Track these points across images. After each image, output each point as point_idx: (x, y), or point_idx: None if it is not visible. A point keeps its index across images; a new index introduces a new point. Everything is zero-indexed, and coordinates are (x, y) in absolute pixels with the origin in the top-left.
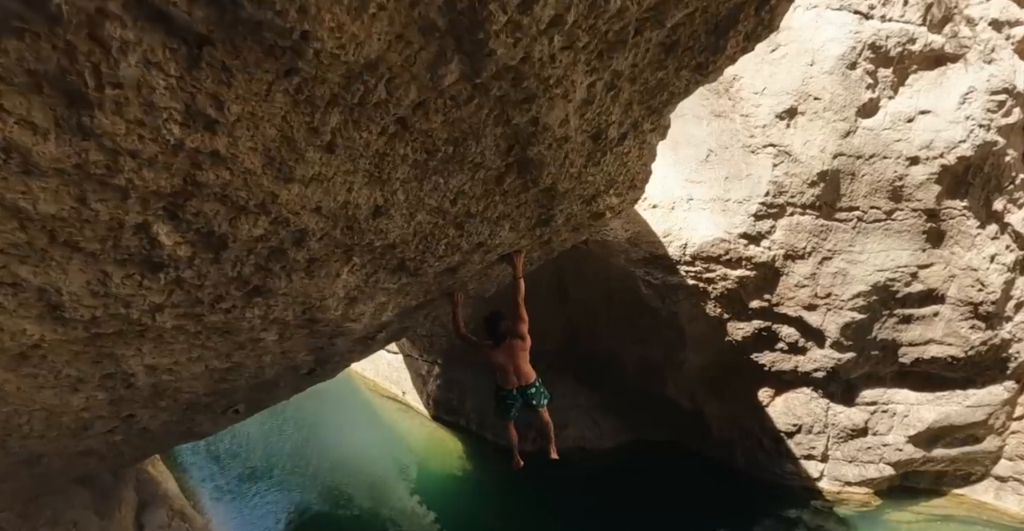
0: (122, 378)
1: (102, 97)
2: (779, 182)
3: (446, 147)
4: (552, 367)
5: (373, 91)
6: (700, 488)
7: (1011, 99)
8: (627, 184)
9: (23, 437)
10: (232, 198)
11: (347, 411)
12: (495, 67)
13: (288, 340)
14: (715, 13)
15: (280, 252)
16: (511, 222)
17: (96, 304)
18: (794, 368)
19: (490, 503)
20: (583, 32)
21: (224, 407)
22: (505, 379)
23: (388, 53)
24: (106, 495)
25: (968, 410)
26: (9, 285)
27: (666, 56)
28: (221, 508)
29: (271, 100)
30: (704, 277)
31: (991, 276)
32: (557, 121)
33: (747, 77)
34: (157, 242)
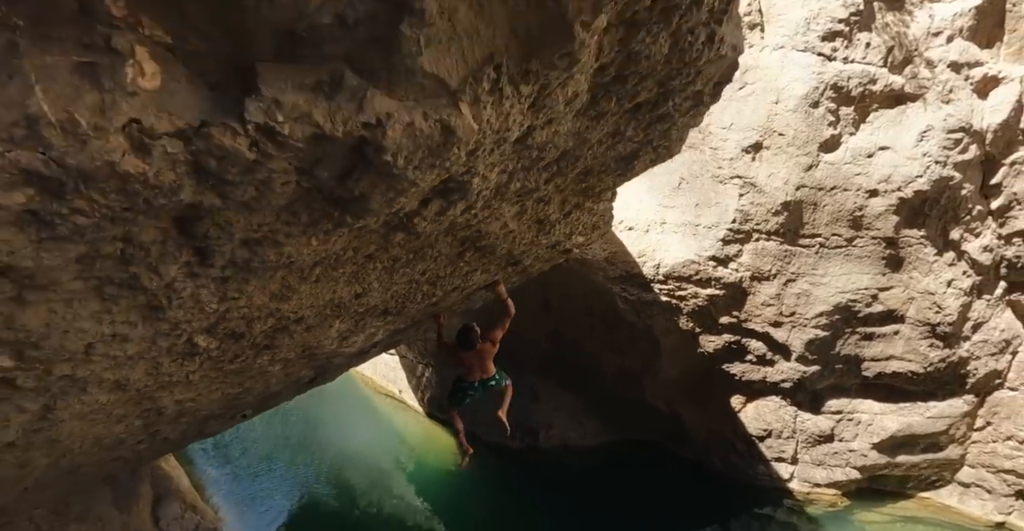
0: (156, 410)
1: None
2: (745, 211)
3: (408, 256)
4: (538, 372)
5: (341, 259)
6: (679, 486)
7: (968, 137)
8: (589, 229)
9: (72, 456)
10: (248, 317)
11: (347, 407)
12: (426, 232)
13: (291, 367)
14: (617, 154)
15: (283, 328)
16: (481, 270)
17: (149, 381)
18: (763, 378)
19: (481, 495)
20: (499, 199)
21: (234, 414)
22: (470, 374)
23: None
24: (125, 492)
25: (929, 421)
26: (98, 385)
27: (585, 178)
28: (229, 500)
29: (273, 280)
30: (676, 295)
31: (948, 299)
32: (497, 228)
33: (716, 113)
34: (196, 344)
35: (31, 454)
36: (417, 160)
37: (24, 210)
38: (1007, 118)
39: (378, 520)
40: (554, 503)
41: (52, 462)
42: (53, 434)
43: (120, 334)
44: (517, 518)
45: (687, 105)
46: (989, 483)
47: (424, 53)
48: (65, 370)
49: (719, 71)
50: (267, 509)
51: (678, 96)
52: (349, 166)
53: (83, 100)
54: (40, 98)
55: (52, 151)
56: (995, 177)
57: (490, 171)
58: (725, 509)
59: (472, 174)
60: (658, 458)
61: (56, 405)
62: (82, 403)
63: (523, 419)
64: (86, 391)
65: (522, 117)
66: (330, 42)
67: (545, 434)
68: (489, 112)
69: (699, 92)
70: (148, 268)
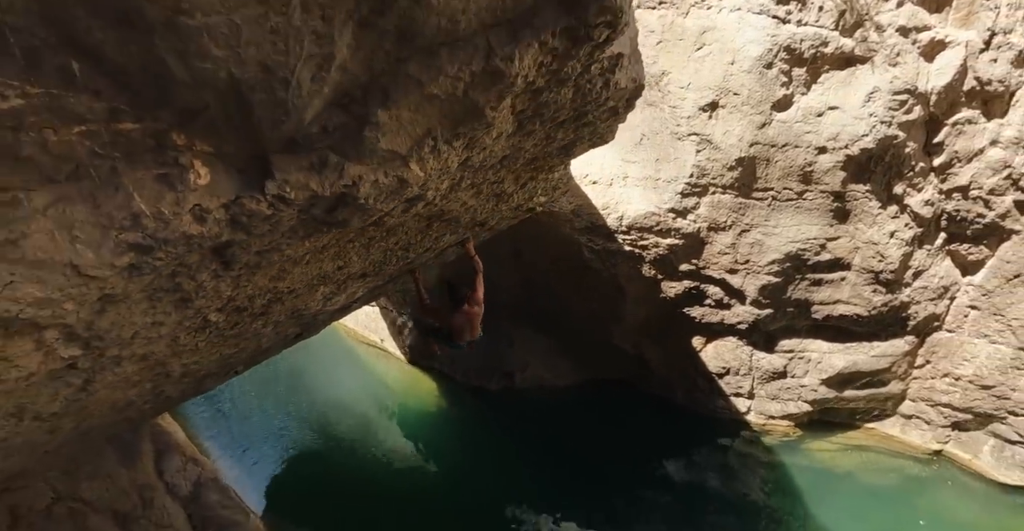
0: (165, 373)
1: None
2: (702, 166)
3: (382, 234)
4: (512, 317)
5: (327, 247)
6: (646, 420)
7: (913, 98)
8: (549, 190)
9: (91, 420)
10: (251, 296)
11: (331, 358)
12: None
13: (281, 327)
14: (555, 148)
15: (277, 299)
16: (450, 232)
17: (167, 351)
18: (721, 321)
19: (462, 434)
20: (454, 192)
21: (228, 371)
22: (460, 337)
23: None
24: (128, 449)
25: (873, 359)
26: (130, 359)
27: (532, 163)
28: (224, 450)
29: (273, 268)
30: (639, 244)
31: (890, 249)
32: (458, 206)
33: (675, 73)
34: (208, 320)
35: (63, 420)
36: (383, 199)
37: (126, 266)
38: (951, 81)
39: (365, 461)
40: (531, 439)
41: (74, 426)
42: (86, 402)
43: (158, 321)
44: (497, 454)
45: (605, 116)
46: (928, 415)
47: (381, 140)
48: (114, 352)
49: (626, 95)
50: (259, 457)
51: (594, 113)
52: (335, 204)
53: (165, 199)
54: (138, 201)
55: (147, 231)
56: (938, 136)
57: (441, 184)
58: (689, 440)
59: (426, 189)
60: (626, 395)
61: (95, 379)
62: (115, 375)
63: (499, 363)
64: (120, 365)
65: (458, 156)
66: (317, 142)
67: (521, 376)
68: (432, 163)
69: (613, 107)
70: (188, 276)
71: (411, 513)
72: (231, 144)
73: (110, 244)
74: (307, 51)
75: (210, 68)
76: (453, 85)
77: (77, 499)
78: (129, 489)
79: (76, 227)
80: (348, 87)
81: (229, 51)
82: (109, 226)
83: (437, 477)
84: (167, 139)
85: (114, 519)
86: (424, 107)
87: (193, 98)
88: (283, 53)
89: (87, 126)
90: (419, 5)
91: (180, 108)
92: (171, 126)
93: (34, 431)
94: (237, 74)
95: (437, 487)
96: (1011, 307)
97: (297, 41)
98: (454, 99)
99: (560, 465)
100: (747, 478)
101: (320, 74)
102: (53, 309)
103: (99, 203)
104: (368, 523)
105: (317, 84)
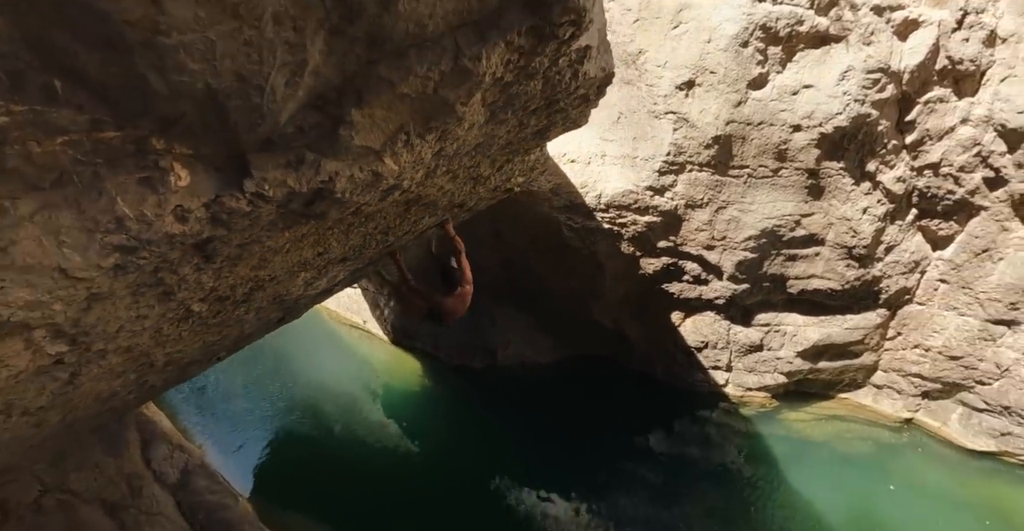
0: (149, 363)
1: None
2: (679, 144)
3: (360, 220)
4: (493, 296)
5: (306, 235)
6: (627, 394)
7: (886, 77)
8: (527, 171)
9: (77, 412)
10: (233, 285)
11: (315, 340)
12: (373, 211)
13: (263, 312)
14: (529, 133)
15: (259, 287)
16: (429, 215)
17: (151, 342)
18: (699, 296)
19: (446, 413)
20: (430, 179)
21: (211, 357)
22: (450, 319)
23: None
24: (114, 439)
25: (846, 331)
26: (115, 352)
27: (507, 147)
28: (209, 436)
29: (253, 258)
30: (617, 222)
31: (863, 225)
32: (435, 191)
33: (651, 51)
34: (191, 310)
35: (50, 414)
36: (359, 192)
37: (112, 266)
38: (924, 60)
39: (351, 442)
40: (514, 415)
41: (60, 419)
42: (72, 395)
43: (142, 315)
44: (480, 431)
45: (576, 103)
46: (899, 385)
47: (355, 138)
48: (99, 346)
49: (596, 84)
50: (245, 441)
51: (565, 101)
52: (312, 199)
53: (147, 201)
54: (121, 205)
55: (131, 232)
56: (910, 114)
57: (416, 173)
58: (669, 413)
59: (401, 180)
60: (608, 371)
61: (81, 372)
62: (100, 368)
63: (482, 341)
64: (105, 358)
65: (431, 148)
66: (293, 141)
67: (503, 353)
68: (405, 157)
69: (584, 95)
70: (170, 271)
71: (397, 491)
72: (209, 146)
73: (96, 247)
74: (280, 60)
75: (187, 80)
76: (423, 84)
77: (65, 490)
78: (117, 479)
79: (62, 232)
80: (322, 90)
81: (205, 64)
82: (94, 230)
83: (422, 455)
84: (147, 144)
85: (103, 509)
86: (396, 105)
87: (172, 108)
88: (257, 63)
89: (70, 136)
90: (387, 12)
91: (159, 117)
92: (151, 133)
93: (21, 427)
94: (213, 84)
95: (422, 465)
96: (979, 281)
97: (270, 51)
98: (425, 97)
99: (543, 440)
100: (726, 448)
101: (294, 80)
102: (43, 310)
103: (83, 208)
104: (354, 502)
105: (291, 89)
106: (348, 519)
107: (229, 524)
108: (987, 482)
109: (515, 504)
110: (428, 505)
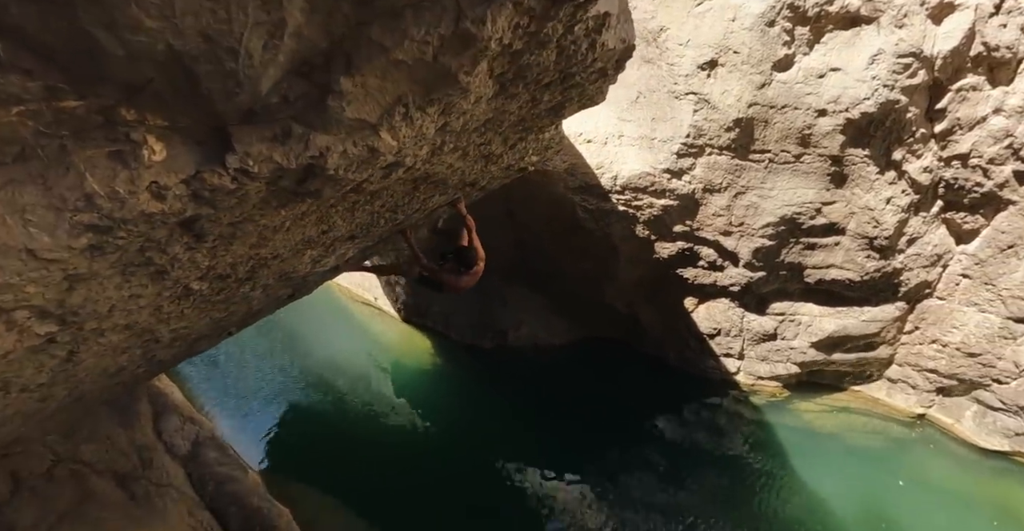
0: (154, 339)
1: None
2: (698, 126)
3: (365, 198)
4: (506, 277)
5: (307, 213)
6: (638, 379)
7: (917, 62)
8: (541, 150)
9: (83, 386)
10: (232, 264)
11: (326, 316)
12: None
13: (270, 289)
14: (543, 109)
15: (262, 265)
16: (439, 194)
17: (152, 320)
18: (713, 282)
19: (456, 391)
20: (437, 157)
21: (220, 333)
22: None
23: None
24: (126, 411)
25: (863, 324)
26: (113, 330)
27: (519, 124)
28: (220, 409)
29: (251, 237)
30: (633, 204)
31: (886, 215)
32: (444, 168)
33: (673, 29)
34: (191, 288)
35: (54, 389)
36: (355, 169)
37: (84, 247)
38: (958, 45)
39: (361, 417)
40: (525, 396)
41: (67, 393)
42: (74, 372)
43: (135, 294)
44: (491, 410)
45: (594, 78)
46: (914, 380)
47: (347, 109)
48: (93, 325)
49: (615, 56)
50: (256, 415)
51: (581, 75)
52: (304, 176)
53: (119, 177)
54: (90, 181)
55: (103, 211)
56: (941, 102)
57: (419, 150)
58: (680, 399)
59: (403, 157)
60: (620, 354)
61: (80, 349)
62: (99, 345)
63: (493, 321)
64: (103, 336)
65: (434, 123)
66: (278, 112)
67: (514, 334)
68: (405, 131)
69: (602, 69)
70: (158, 251)
71: (406, 467)
72: (186, 117)
73: (65, 226)
74: (253, 18)
75: (145, 40)
76: (421, 50)
77: (77, 461)
78: (128, 450)
79: (27, 210)
80: (307, 54)
81: (164, 21)
82: (62, 208)
83: (430, 432)
84: (116, 115)
85: (114, 479)
86: (392, 73)
87: (133, 72)
88: (225, 21)
89: (26, 106)
90: None
91: (122, 83)
92: (118, 102)
93: (24, 402)
94: (177, 46)
95: (432, 442)
96: (1003, 277)
97: (240, 7)
98: (423, 64)
99: (553, 421)
100: (735, 436)
101: (272, 42)
102: (15, 293)
103: (50, 185)
104: (362, 477)
105: (270, 53)
106: (355, 493)
107: (237, 496)
108: (998, 482)
109: (521, 483)
110: (435, 482)
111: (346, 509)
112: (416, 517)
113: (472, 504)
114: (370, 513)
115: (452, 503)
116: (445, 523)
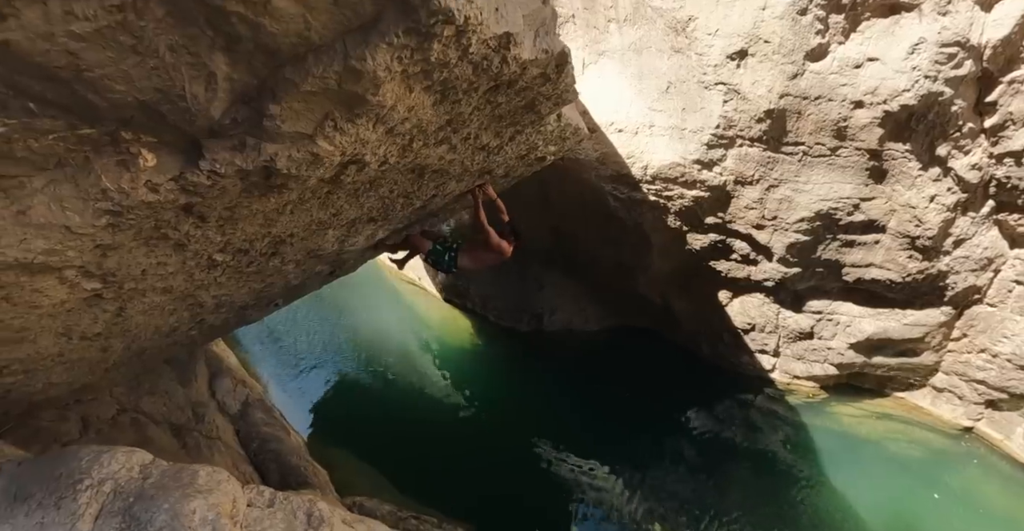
0: (198, 304)
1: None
2: (728, 117)
3: (364, 186)
4: (543, 262)
5: (303, 199)
6: (671, 369)
7: (963, 51)
8: (557, 140)
9: (140, 341)
10: (247, 240)
11: (373, 294)
12: (358, 181)
13: (303, 265)
14: (515, 107)
15: (281, 242)
16: (454, 180)
17: (187, 285)
18: (747, 276)
19: (493, 371)
20: (412, 152)
21: (267, 303)
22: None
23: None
24: (184, 370)
25: (906, 327)
26: (153, 291)
27: (499, 123)
28: (272, 375)
29: (255, 218)
30: (663, 195)
31: (929, 214)
32: (435, 160)
33: (702, 18)
34: (214, 260)
35: (111, 341)
36: (305, 168)
37: (105, 225)
38: (1010, 33)
39: (401, 391)
40: (559, 380)
41: (125, 346)
42: (126, 326)
43: (162, 262)
44: (526, 392)
45: (539, 82)
46: (961, 390)
47: (282, 126)
48: (131, 285)
49: (547, 63)
50: (303, 383)
51: (522, 81)
52: (267, 174)
53: (124, 178)
54: (104, 181)
55: (115, 200)
56: (991, 95)
57: (378, 149)
58: (712, 392)
59: (361, 156)
60: (654, 343)
61: (127, 306)
62: (143, 303)
63: (529, 305)
64: (145, 296)
65: (371, 130)
66: (233, 129)
67: (549, 318)
68: (340, 138)
69: (542, 74)
70: (171, 227)
71: (442, 441)
72: (168, 135)
73: (90, 211)
74: (188, 75)
75: (119, 96)
76: (324, 82)
77: (138, 411)
78: (184, 405)
79: (64, 200)
80: (243, 89)
81: (128, 86)
82: (87, 198)
83: (469, 410)
84: (118, 136)
85: (170, 429)
86: (310, 99)
87: (119, 113)
88: (169, 81)
89: (57, 135)
90: (261, 34)
91: (115, 118)
92: (117, 128)
93: (87, 349)
94: (142, 97)
95: (469, 419)
96: None
97: (176, 71)
98: (332, 91)
99: (585, 407)
100: (768, 434)
101: (211, 87)
102: (60, 256)
103: (79, 183)
104: (401, 447)
105: (211, 93)
106: (390, 461)
107: (279, 454)
108: None
109: (552, 465)
110: (469, 457)
111: (382, 476)
112: (447, 489)
113: (503, 481)
114: (404, 482)
115: (484, 479)
116: (475, 497)
